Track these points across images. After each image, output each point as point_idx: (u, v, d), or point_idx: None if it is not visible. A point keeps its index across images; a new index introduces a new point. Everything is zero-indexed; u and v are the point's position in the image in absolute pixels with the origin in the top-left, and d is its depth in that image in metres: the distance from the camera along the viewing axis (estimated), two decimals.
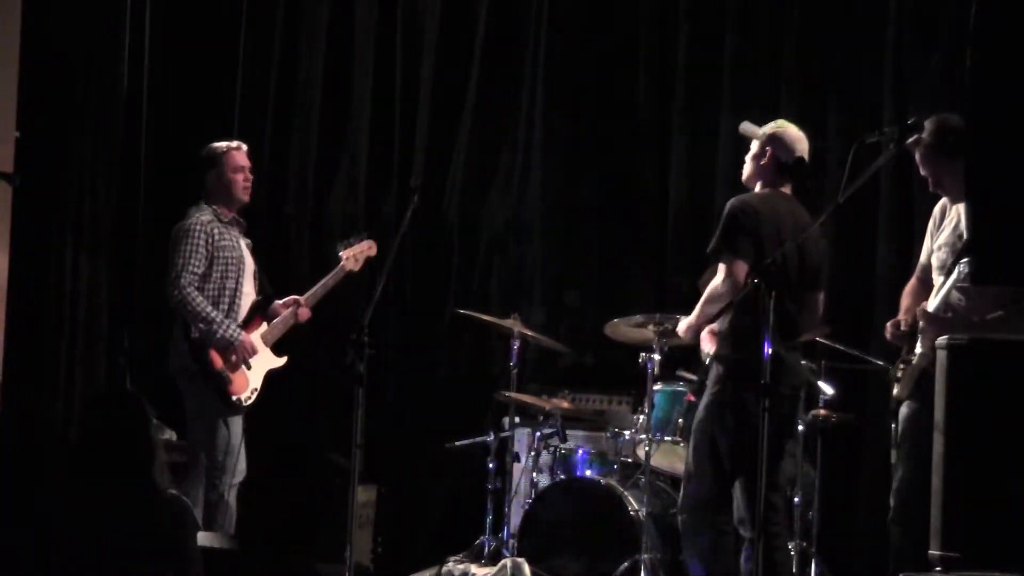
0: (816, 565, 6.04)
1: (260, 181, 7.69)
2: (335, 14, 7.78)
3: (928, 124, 5.20)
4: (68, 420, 7.26)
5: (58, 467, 3.91)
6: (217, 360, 6.01)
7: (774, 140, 5.41)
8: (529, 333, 6.56)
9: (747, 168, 5.47)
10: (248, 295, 6.16)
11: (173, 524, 3.88)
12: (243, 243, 6.20)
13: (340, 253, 6.32)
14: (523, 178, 7.56)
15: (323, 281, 6.30)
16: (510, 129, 7.62)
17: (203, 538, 4.78)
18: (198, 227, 6.03)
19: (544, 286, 7.48)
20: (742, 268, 5.14)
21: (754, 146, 5.46)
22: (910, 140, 5.12)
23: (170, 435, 6.79)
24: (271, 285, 6.39)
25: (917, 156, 5.29)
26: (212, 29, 7.86)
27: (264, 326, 6.20)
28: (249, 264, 6.19)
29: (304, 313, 6.28)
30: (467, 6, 7.66)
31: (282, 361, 6.24)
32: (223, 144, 6.25)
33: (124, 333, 7.51)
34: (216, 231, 6.06)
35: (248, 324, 6.13)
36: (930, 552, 4.35)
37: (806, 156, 5.41)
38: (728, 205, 5.27)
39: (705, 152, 7.29)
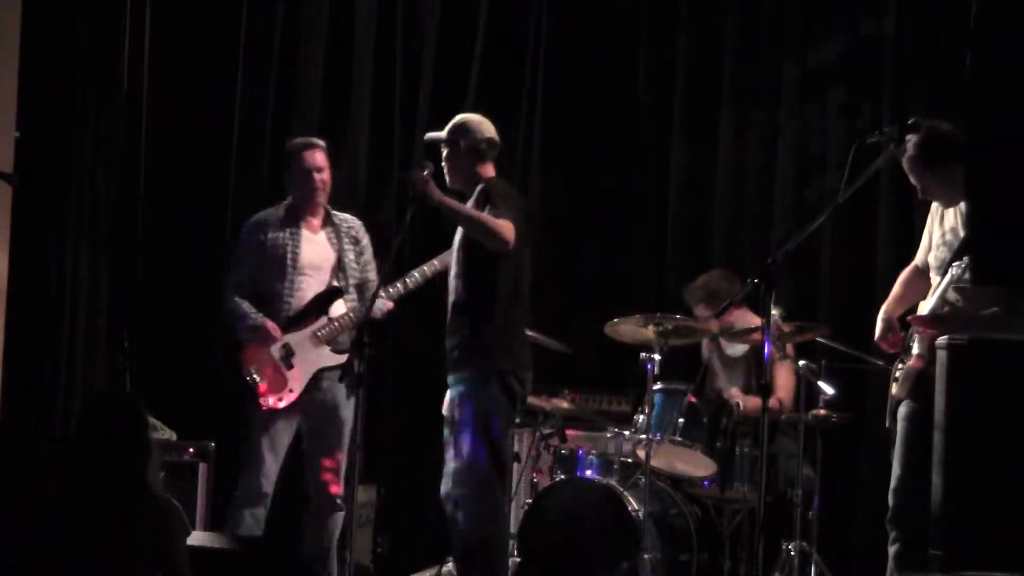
0: (816, 565, 6.04)
1: (260, 181, 7.74)
2: (335, 14, 7.78)
3: (916, 134, 5.20)
4: (68, 420, 7.26)
5: (53, 467, 3.92)
6: (247, 361, 5.96)
7: (461, 129, 5.54)
8: (529, 333, 6.54)
9: (450, 170, 5.53)
10: (304, 292, 6.00)
11: (160, 525, 3.89)
12: (312, 237, 6.06)
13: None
14: (523, 178, 7.56)
15: (420, 268, 6.01)
16: (510, 129, 7.61)
17: (203, 538, 4.78)
18: (245, 229, 6.13)
19: (544, 286, 7.48)
20: (513, 229, 5.27)
21: (444, 148, 5.54)
22: (902, 145, 5.14)
23: (170, 436, 6.79)
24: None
25: (904, 165, 5.30)
26: (212, 29, 7.86)
27: (322, 320, 6.01)
28: (315, 260, 6.04)
29: (383, 306, 5.98)
30: (467, 6, 7.66)
31: (341, 359, 5.88)
32: (297, 142, 6.21)
33: (124, 333, 7.50)
34: (266, 229, 6.05)
35: (302, 321, 5.98)
36: (930, 552, 4.35)
37: (496, 136, 5.53)
38: (488, 186, 5.40)
39: (705, 152, 7.30)
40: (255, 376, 5.95)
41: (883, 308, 5.46)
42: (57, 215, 7.45)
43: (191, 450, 6.52)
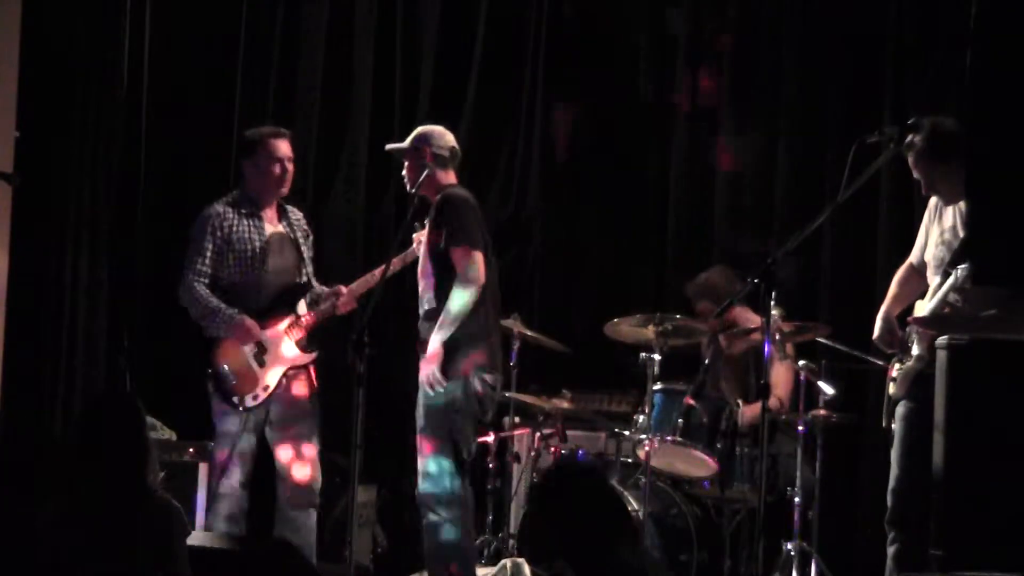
0: (816, 565, 6.04)
1: None
2: (335, 15, 7.78)
3: (921, 128, 5.21)
4: (68, 420, 7.26)
5: (53, 468, 3.92)
6: (221, 357, 5.86)
7: (425, 138, 5.67)
8: (529, 333, 6.56)
9: (412, 178, 5.62)
10: (271, 286, 5.89)
11: (161, 527, 3.89)
12: (274, 231, 5.93)
13: (414, 236, 5.81)
14: (523, 178, 7.57)
15: (381, 267, 5.79)
16: (510, 129, 7.62)
17: (203, 538, 4.78)
18: (204, 220, 5.87)
19: (544, 286, 7.48)
20: (481, 256, 5.44)
21: (407, 158, 5.66)
22: (904, 143, 5.14)
23: (170, 436, 6.79)
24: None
25: (910, 160, 5.30)
26: (212, 29, 7.86)
27: (291, 317, 5.92)
28: (280, 252, 5.91)
29: (347, 305, 5.97)
30: (467, 6, 7.66)
31: (309, 357, 5.93)
32: (263, 129, 6.07)
33: (124, 333, 7.50)
34: (228, 222, 5.86)
35: (270, 316, 5.88)
36: (930, 552, 4.35)
37: (456, 145, 5.69)
38: (445, 199, 5.51)
39: (705, 152, 7.30)
40: (229, 373, 5.84)
41: (882, 308, 5.47)
42: (57, 215, 7.45)
43: (191, 450, 6.51)
